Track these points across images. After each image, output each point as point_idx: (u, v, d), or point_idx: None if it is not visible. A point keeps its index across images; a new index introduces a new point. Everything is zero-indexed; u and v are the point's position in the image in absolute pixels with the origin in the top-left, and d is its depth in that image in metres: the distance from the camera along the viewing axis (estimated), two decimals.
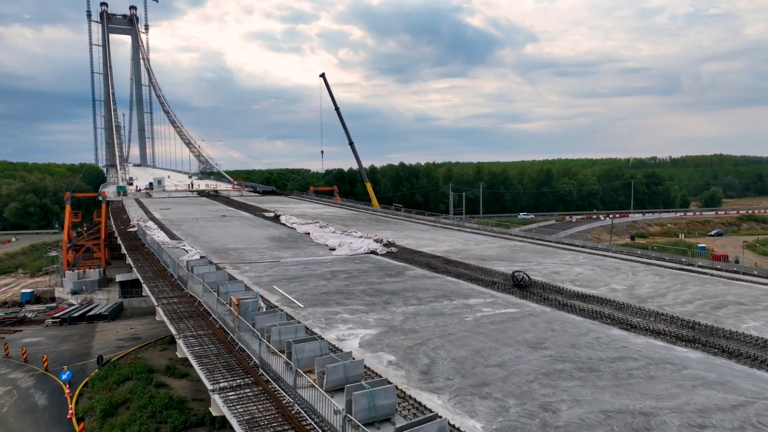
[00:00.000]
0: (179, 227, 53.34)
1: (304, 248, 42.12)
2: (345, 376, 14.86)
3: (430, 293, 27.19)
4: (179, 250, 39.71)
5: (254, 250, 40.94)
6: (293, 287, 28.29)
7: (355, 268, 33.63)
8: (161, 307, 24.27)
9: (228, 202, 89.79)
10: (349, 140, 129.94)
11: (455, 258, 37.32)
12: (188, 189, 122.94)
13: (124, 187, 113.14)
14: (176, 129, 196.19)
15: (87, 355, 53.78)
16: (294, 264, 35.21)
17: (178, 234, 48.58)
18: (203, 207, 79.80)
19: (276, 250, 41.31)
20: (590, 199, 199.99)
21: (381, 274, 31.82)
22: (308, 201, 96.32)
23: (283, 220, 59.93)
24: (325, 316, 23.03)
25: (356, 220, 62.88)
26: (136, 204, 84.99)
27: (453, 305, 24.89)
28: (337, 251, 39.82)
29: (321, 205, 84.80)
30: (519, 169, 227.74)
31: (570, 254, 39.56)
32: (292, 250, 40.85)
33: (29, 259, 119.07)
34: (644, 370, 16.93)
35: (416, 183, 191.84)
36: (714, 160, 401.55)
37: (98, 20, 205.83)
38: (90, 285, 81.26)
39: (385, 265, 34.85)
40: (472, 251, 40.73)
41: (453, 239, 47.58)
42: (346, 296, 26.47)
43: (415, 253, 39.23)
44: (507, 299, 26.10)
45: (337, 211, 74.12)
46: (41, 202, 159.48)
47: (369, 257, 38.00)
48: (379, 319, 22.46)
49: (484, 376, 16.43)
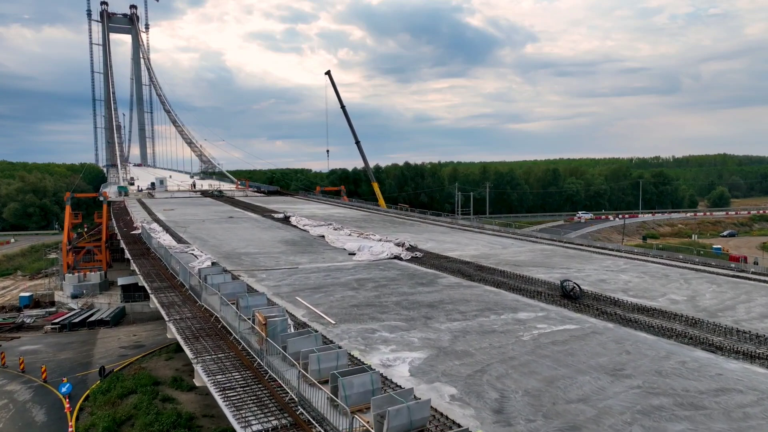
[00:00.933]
0: (185, 230, 50.51)
1: (321, 253, 39.26)
2: (409, 420, 12.04)
3: (473, 306, 24.34)
4: (188, 255, 36.87)
5: (268, 255, 38.08)
6: (318, 299, 25.44)
7: (381, 276, 30.78)
8: (173, 324, 21.41)
9: (234, 202, 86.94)
10: (355, 139, 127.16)
11: (486, 264, 34.48)
12: (191, 189, 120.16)
13: (125, 187, 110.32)
14: (177, 128, 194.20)
15: (88, 364, 51.03)
16: (314, 271, 32.36)
17: (185, 237, 45.73)
18: (208, 208, 76.94)
19: (291, 254, 38.44)
20: (598, 199, 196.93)
21: (412, 283, 28.96)
22: (316, 201, 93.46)
23: (294, 221, 57.09)
24: (361, 334, 20.18)
25: (370, 222, 60.04)
26: (138, 204, 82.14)
27: (502, 321, 22.05)
28: (358, 256, 36.98)
29: (330, 206, 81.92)
30: (525, 168, 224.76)
31: (608, 259, 36.70)
32: (309, 255, 37.99)
33: (28, 261, 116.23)
34: (760, 406, 14.09)
35: (421, 183, 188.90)
36: (718, 159, 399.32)
37: (98, 19, 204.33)
38: (91, 289, 78.40)
39: (413, 272, 32.00)
40: (501, 256, 37.88)
41: (477, 242, 44.75)
42: (379, 309, 23.62)
43: (442, 258, 36.40)
44: (560, 313, 23.24)
45: (348, 212, 71.26)
46: (41, 202, 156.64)
47: (393, 263, 35.14)
48: (424, 339, 19.61)
49: (570, 416, 13.58)
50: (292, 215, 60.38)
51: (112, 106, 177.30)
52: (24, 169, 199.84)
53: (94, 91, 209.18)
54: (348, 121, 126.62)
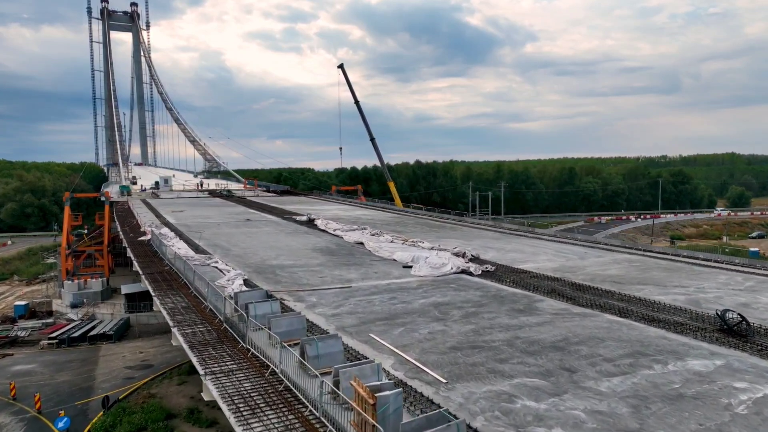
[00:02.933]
0: (201, 235, 43.96)
1: (369, 265, 32.74)
2: None
3: (613, 347, 17.83)
4: (211, 269, 30.38)
5: (306, 268, 31.55)
6: (400, 336, 18.95)
7: (462, 299, 24.27)
8: (212, 383, 14.88)
9: (246, 203, 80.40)
10: (370, 136, 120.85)
11: (578, 279, 28.00)
12: (198, 189, 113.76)
13: (127, 187, 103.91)
14: (180, 127, 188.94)
15: (89, 389, 44.62)
16: (373, 291, 25.83)
17: (202, 245, 39.18)
18: (220, 209, 70.40)
19: (334, 267, 31.89)
20: (615, 199, 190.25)
21: (507, 309, 22.47)
22: (333, 202, 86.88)
23: (321, 225, 50.58)
24: (494, 404, 13.65)
25: (404, 225, 53.52)
26: (143, 205, 75.59)
27: (675, 374, 15.54)
28: (416, 270, 30.46)
29: (351, 207, 75.37)
30: (540, 167, 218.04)
31: (721, 274, 30.14)
32: (356, 269, 31.45)
33: (25, 265, 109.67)
34: None
35: (433, 182, 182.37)
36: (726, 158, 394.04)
37: (98, 17, 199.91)
38: (92, 297, 71.82)
39: (497, 293, 25.49)
40: (588, 269, 31.35)
41: (541, 250, 38.23)
42: (492, 355, 17.10)
43: (520, 273, 29.90)
44: (744, 360, 16.72)
45: (375, 214, 64.75)
46: (39, 202, 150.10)
47: (464, 279, 28.62)
48: (592, 413, 13.09)
49: None
50: (317, 218, 53.89)
51: (113, 103, 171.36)
52: (23, 168, 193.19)
53: (94, 90, 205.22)
54: (362, 117, 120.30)
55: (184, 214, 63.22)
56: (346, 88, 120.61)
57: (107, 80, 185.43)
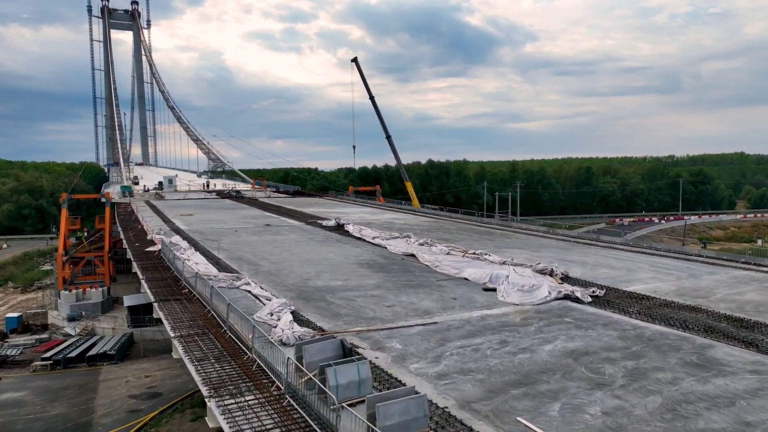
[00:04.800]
0: (219, 244, 37.21)
1: (437, 286, 26.03)
2: None
3: None
4: (242, 294, 23.71)
5: (363, 292, 24.85)
6: (564, 422, 12.32)
7: (599, 344, 17.56)
8: None
9: (260, 205, 73.63)
10: (386, 134, 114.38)
11: (723, 310, 21.36)
12: (204, 189, 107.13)
13: (129, 187, 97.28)
14: (182, 125, 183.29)
15: (87, 427, 38.15)
16: (470, 331, 19.10)
17: (223, 258, 32.46)
18: (233, 212, 63.68)
19: (398, 290, 25.16)
20: (635, 200, 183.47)
21: (677, 363, 15.79)
22: (353, 203, 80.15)
23: (355, 231, 43.93)
24: None
25: (446, 232, 46.87)
26: (147, 207, 68.88)
27: None
28: (503, 295, 23.77)
29: (378, 210, 68.65)
30: (555, 167, 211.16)
31: None
32: (425, 292, 24.74)
33: (21, 271, 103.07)
34: None
35: (446, 182, 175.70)
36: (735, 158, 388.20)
37: (99, 15, 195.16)
38: (91, 309, 65.09)
39: (639, 333, 18.78)
40: (717, 293, 24.65)
41: (639, 266, 31.46)
42: None
43: (640, 300, 23.19)
44: None
45: (407, 218, 58.10)
46: (37, 203, 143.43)
47: (575, 309, 21.91)
48: None
49: None
50: (347, 223, 47.23)
51: (113, 102, 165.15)
52: (22, 168, 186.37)
53: (94, 89, 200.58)
54: (378, 114, 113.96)
55: (194, 218, 56.53)
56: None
57: (108, 79, 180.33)
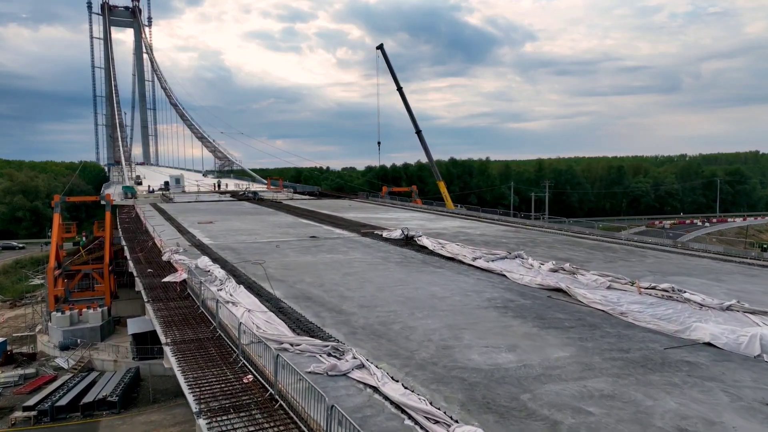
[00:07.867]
0: (266, 272, 26.09)
1: (672, 366, 15.01)
2: None
3: None
4: (356, 391, 12.76)
5: (558, 380, 13.83)
6: None
7: None
8: None
9: (288, 209, 62.42)
10: (416, 129, 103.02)
11: None
12: (215, 190, 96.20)
13: (132, 188, 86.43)
14: (186, 123, 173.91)
15: None
16: None
17: (282, 297, 21.41)
18: (261, 219, 52.45)
19: (623, 376, 14.17)
20: (669, 200, 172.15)
21: None
22: (391, 206, 68.98)
23: (435, 248, 32.84)
24: None
25: (549, 247, 35.70)
26: (155, 212, 57.74)
27: None
28: None
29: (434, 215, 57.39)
30: (583, 165, 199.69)
31: None
32: (661, 378, 13.71)
33: (11, 281, 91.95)
34: None
35: (469, 181, 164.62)
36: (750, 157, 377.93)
37: (99, 12, 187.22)
38: (88, 335, 53.93)
39: None
40: None
41: None
42: None
43: None
44: None
45: (473, 225, 47.02)
46: (32, 205, 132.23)
47: None
48: None
49: None
50: (419, 235, 36.14)
51: (114, 99, 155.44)
52: (20, 167, 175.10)
53: (94, 87, 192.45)
54: (406, 105, 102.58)
55: (215, 226, 45.43)
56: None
57: (108, 77, 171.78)
